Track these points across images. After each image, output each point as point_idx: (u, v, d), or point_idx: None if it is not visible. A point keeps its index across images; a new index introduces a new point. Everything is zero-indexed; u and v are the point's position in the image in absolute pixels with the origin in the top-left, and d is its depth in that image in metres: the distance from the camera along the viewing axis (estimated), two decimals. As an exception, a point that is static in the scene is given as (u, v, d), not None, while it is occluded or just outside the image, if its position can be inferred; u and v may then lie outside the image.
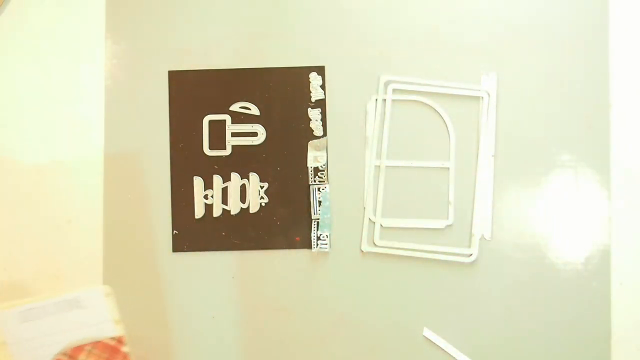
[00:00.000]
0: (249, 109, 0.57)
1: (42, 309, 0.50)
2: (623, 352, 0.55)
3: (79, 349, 0.49)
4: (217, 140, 0.57)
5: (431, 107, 0.57)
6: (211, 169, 0.57)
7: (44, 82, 0.58)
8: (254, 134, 0.57)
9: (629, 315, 0.55)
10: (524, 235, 0.56)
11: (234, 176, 0.57)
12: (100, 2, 0.58)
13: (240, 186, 0.57)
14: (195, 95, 0.57)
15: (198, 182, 0.57)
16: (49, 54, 0.58)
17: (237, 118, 0.57)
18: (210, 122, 0.57)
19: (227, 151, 0.57)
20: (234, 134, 0.57)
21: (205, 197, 0.57)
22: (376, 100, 0.57)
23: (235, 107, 0.57)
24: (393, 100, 0.57)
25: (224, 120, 0.57)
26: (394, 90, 0.57)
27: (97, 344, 0.50)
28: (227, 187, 0.57)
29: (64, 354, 0.49)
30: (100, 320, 0.51)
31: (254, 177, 0.57)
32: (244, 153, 0.57)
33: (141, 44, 0.58)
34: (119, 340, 0.50)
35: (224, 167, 0.57)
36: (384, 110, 0.57)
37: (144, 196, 0.57)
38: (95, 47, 0.58)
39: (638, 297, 0.55)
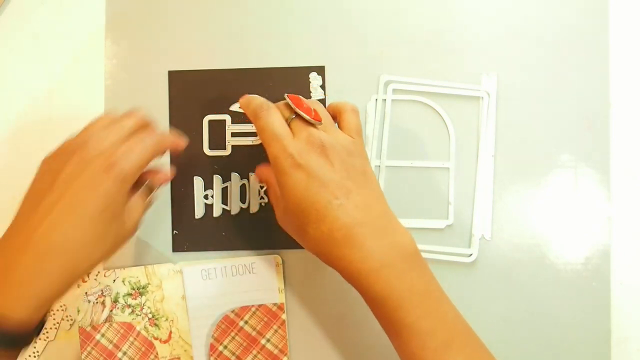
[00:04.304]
0: (249, 109, 0.57)
1: (221, 270, 0.56)
2: (623, 352, 0.55)
3: (245, 308, 0.55)
4: (217, 140, 0.57)
5: (431, 107, 0.57)
6: (211, 169, 0.57)
7: (43, 82, 0.58)
8: (254, 134, 0.57)
9: (629, 315, 0.55)
10: (524, 235, 0.56)
11: (234, 176, 0.57)
12: (100, 2, 0.58)
13: (240, 186, 0.57)
14: (195, 95, 0.57)
15: (198, 182, 0.57)
16: (49, 53, 0.58)
17: (237, 118, 0.57)
18: (210, 122, 0.57)
19: (227, 151, 0.57)
20: (234, 134, 0.57)
21: (205, 197, 0.57)
22: (376, 100, 0.57)
23: (235, 107, 0.57)
24: (393, 100, 0.57)
25: (224, 120, 0.57)
26: (394, 90, 0.57)
27: (261, 306, 0.55)
28: (227, 187, 0.57)
29: (232, 311, 0.55)
30: (268, 286, 0.56)
31: (254, 177, 0.57)
32: (244, 153, 0.57)
33: (141, 44, 0.58)
34: (280, 307, 0.55)
35: (224, 167, 0.57)
36: (384, 110, 0.57)
37: (144, 196, 0.57)
38: (95, 47, 0.58)
39: (638, 297, 0.55)
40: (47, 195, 0.43)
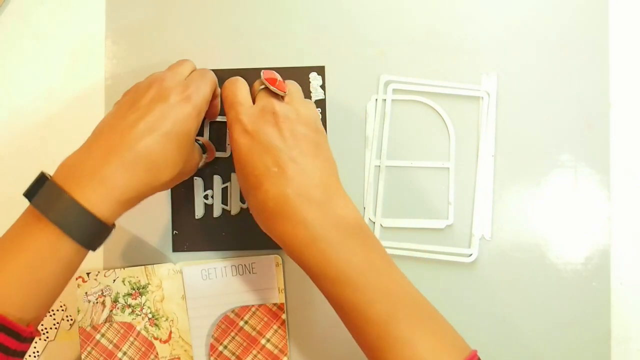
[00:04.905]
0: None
1: (221, 270, 0.56)
2: (623, 352, 0.55)
3: (245, 308, 0.55)
4: (218, 142, 0.57)
5: (431, 107, 0.57)
6: (211, 169, 0.57)
7: (43, 82, 0.58)
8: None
9: (629, 315, 0.55)
10: (523, 235, 0.56)
11: (234, 176, 0.57)
12: (100, 2, 0.58)
13: (240, 186, 0.57)
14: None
15: (198, 182, 0.57)
16: (49, 54, 0.58)
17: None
18: (211, 123, 0.57)
19: (227, 153, 0.57)
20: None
21: (205, 197, 0.57)
22: (376, 100, 0.57)
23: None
24: (393, 100, 0.57)
25: (225, 122, 0.57)
26: (394, 90, 0.57)
27: (261, 306, 0.55)
28: (227, 187, 0.57)
29: (232, 311, 0.55)
30: (268, 286, 0.56)
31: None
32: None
33: (141, 44, 0.58)
34: (280, 307, 0.55)
35: (224, 168, 0.57)
36: (384, 110, 0.57)
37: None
38: (95, 47, 0.58)
39: (638, 297, 0.55)
40: (129, 115, 0.45)
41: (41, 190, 0.43)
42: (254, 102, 0.49)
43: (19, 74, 0.58)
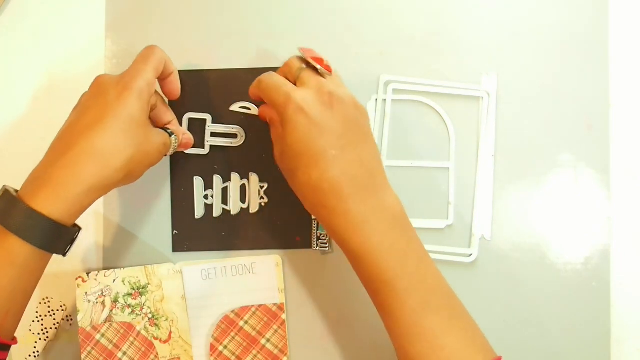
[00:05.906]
0: (249, 109, 0.57)
1: (221, 270, 0.56)
2: (623, 352, 0.55)
3: (245, 308, 0.55)
4: (195, 138, 0.57)
5: (431, 107, 0.57)
6: (211, 169, 0.57)
7: (43, 82, 0.58)
8: (234, 136, 0.57)
9: (629, 315, 0.55)
10: (523, 235, 0.56)
11: (234, 176, 0.57)
12: (100, 2, 0.58)
13: (240, 186, 0.57)
14: (196, 95, 0.57)
15: (198, 182, 0.57)
16: (49, 54, 0.58)
17: (236, 118, 0.57)
18: (190, 119, 0.57)
19: (205, 150, 0.57)
20: (213, 134, 0.56)
21: (205, 197, 0.57)
22: (376, 100, 0.57)
23: (235, 107, 0.57)
24: (393, 100, 0.57)
25: (203, 120, 0.57)
26: (394, 90, 0.57)
27: (261, 306, 0.55)
28: (227, 187, 0.57)
29: (232, 311, 0.55)
30: (268, 286, 0.56)
31: (254, 177, 0.57)
32: (245, 153, 0.57)
33: (141, 44, 0.58)
34: (280, 307, 0.56)
35: (224, 167, 0.57)
36: (384, 110, 0.57)
37: (144, 196, 0.57)
38: (95, 47, 0.58)
39: (638, 297, 0.55)
40: (73, 119, 0.48)
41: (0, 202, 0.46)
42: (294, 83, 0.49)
43: (19, 73, 0.58)
